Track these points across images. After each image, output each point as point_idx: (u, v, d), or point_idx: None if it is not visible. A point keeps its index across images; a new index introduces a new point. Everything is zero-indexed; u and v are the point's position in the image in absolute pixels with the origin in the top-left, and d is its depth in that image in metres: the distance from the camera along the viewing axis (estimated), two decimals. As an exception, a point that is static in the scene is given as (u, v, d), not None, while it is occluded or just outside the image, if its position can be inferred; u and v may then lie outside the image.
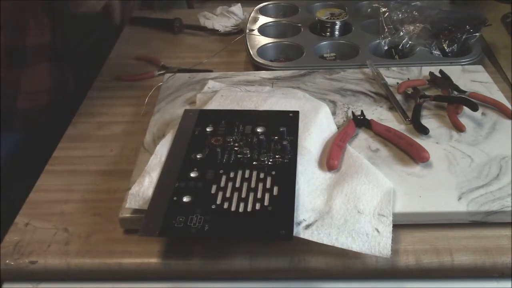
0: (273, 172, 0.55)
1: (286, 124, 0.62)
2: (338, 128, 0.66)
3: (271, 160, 0.57)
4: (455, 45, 0.85)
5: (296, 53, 0.87)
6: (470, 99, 0.69)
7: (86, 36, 0.88)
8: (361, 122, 0.67)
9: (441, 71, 0.77)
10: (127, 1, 0.95)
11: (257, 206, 0.51)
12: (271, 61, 0.87)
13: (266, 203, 0.52)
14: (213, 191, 0.53)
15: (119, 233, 0.56)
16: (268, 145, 0.59)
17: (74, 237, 0.55)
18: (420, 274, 0.52)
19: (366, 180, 0.55)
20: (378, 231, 0.50)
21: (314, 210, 0.53)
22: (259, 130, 0.62)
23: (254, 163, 0.57)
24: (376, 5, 0.93)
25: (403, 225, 0.54)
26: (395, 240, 0.50)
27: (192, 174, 0.56)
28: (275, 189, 0.53)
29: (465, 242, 0.53)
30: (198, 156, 0.58)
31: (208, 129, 0.63)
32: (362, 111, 0.69)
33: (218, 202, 0.52)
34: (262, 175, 0.55)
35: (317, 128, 0.64)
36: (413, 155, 0.61)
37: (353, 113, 0.69)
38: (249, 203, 0.52)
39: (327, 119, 0.66)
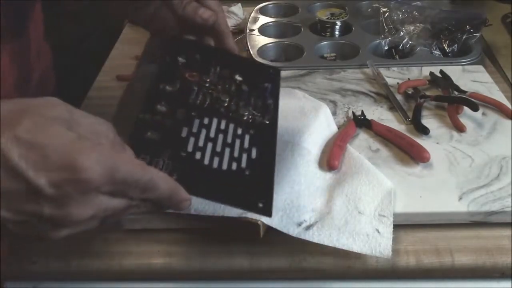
0: (252, 131, 0.50)
1: (268, 81, 0.56)
2: (338, 128, 0.66)
3: (250, 116, 0.51)
4: (455, 45, 0.85)
5: (296, 53, 0.87)
6: (471, 99, 0.69)
7: (86, 35, 0.88)
8: (361, 122, 0.67)
9: (441, 71, 0.77)
10: (128, 0, 0.95)
11: (234, 166, 0.46)
12: (271, 61, 0.87)
13: (243, 164, 0.47)
14: (183, 134, 0.47)
15: (119, 233, 0.56)
16: (249, 98, 0.53)
17: (74, 237, 0.55)
18: (420, 274, 0.52)
19: (367, 181, 0.55)
20: (378, 231, 0.50)
21: (314, 211, 0.53)
22: (238, 77, 0.55)
23: (230, 114, 0.51)
24: (376, 5, 0.93)
25: (403, 225, 0.54)
26: (395, 241, 0.50)
27: (160, 107, 0.48)
28: (254, 151, 0.48)
29: (466, 242, 0.53)
30: (167, 88, 0.50)
31: (180, 59, 0.54)
32: (362, 111, 0.69)
33: (190, 149, 0.46)
34: (239, 131, 0.49)
35: (317, 128, 0.64)
36: (413, 155, 0.60)
37: (353, 113, 0.69)
38: (224, 160, 0.46)
39: (327, 119, 0.66)
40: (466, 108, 0.68)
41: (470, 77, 0.76)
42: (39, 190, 0.34)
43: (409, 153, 0.61)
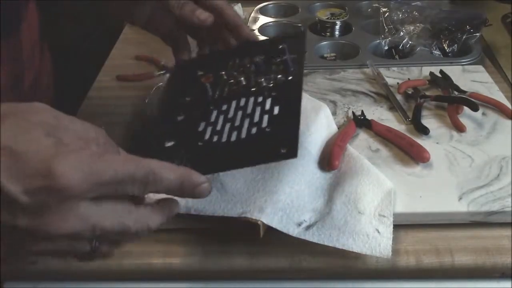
0: (274, 93, 0.48)
1: (290, 42, 0.54)
2: (338, 128, 0.66)
3: (271, 82, 0.49)
4: (455, 45, 0.85)
5: (296, 53, 0.87)
6: (471, 99, 0.69)
7: (86, 35, 0.88)
8: (361, 122, 0.67)
9: (441, 71, 0.77)
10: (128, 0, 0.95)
11: (253, 130, 0.44)
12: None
13: (264, 124, 0.45)
14: (200, 128, 0.46)
15: (119, 233, 0.56)
16: (268, 67, 0.51)
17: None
18: (420, 274, 0.52)
19: (367, 181, 0.55)
20: (378, 231, 0.50)
21: (314, 211, 0.53)
22: (258, 59, 0.53)
23: (252, 89, 0.49)
24: (376, 5, 0.93)
25: (403, 225, 0.54)
26: (395, 241, 0.50)
27: (179, 118, 0.48)
28: (276, 109, 0.46)
29: (466, 242, 0.53)
30: (187, 99, 0.51)
31: (200, 72, 0.55)
32: (362, 111, 0.69)
33: (207, 137, 0.45)
34: (260, 99, 0.47)
35: (318, 128, 0.64)
36: (413, 155, 0.60)
37: (353, 113, 0.69)
38: (243, 130, 0.44)
39: (327, 119, 0.66)
40: (466, 108, 0.68)
41: (470, 77, 0.76)
42: (13, 199, 0.32)
43: (409, 153, 0.61)
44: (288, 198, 0.53)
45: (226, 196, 0.53)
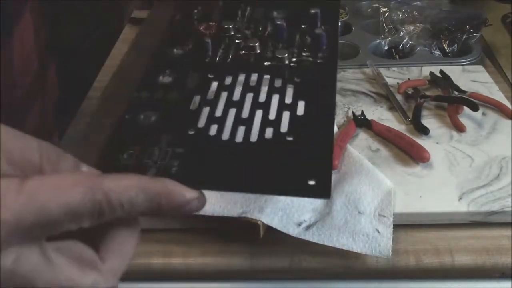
0: (297, 79, 0.37)
1: (323, 8, 0.40)
2: (338, 128, 0.66)
3: (294, 58, 0.37)
4: (455, 45, 0.85)
5: (296, 53, 0.87)
6: (471, 99, 0.69)
7: (86, 35, 0.88)
8: (361, 122, 0.67)
9: (441, 71, 0.77)
10: (128, 0, 0.95)
11: (268, 133, 0.33)
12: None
13: (283, 128, 0.33)
14: (193, 105, 0.35)
15: (119, 233, 0.56)
16: (291, 36, 0.39)
17: None
18: (420, 274, 0.52)
19: (367, 181, 0.55)
20: (378, 231, 0.50)
21: (314, 211, 0.53)
22: (276, 14, 0.40)
23: (266, 63, 0.37)
24: (376, 5, 0.93)
25: (403, 225, 0.54)
26: (395, 241, 0.50)
27: (163, 78, 0.36)
28: (300, 106, 0.34)
29: (466, 242, 0.53)
30: (175, 51, 0.38)
31: (195, 12, 0.41)
32: (362, 111, 0.69)
33: (201, 124, 0.34)
34: (278, 83, 0.36)
35: (318, 128, 0.63)
36: (413, 155, 0.60)
37: (353, 113, 0.69)
38: (253, 128, 0.33)
39: (327, 119, 0.66)
40: (466, 108, 0.68)
41: (470, 77, 0.76)
42: None
43: (409, 153, 0.61)
44: (288, 198, 0.53)
45: (226, 196, 0.53)
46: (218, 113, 0.34)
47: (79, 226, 0.27)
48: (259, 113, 0.34)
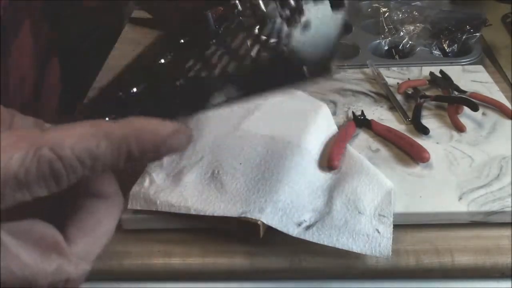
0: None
1: None
2: (338, 128, 0.66)
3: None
4: (455, 45, 0.85)
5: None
6: (471, 99, 0.69)
7: (86, 35, 0.88)
8: (361, 122, 0.67)
9: (441, 71, 0.77)
10: (127, 0, 0.95)
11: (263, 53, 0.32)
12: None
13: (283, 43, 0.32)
14: (189, 63, 0.33)
15: (120, 233, 0.55)
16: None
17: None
18: (420, 274, 0.52)
19: (367, 181, 0.55)
20: (378, 231, 0.50)
21: (314, 211, 0.53)
22: None
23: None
24: (376, 5, 0.93)
25: (403, 225, 0.54)
26: (395, 241, 0.50)
27: (163, 60, 0.33)
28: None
29: (466, 242, 0.53)
30: (181, 41, 0.34)
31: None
32: (362, 111, 0.69)
33: (191, 74, 0.32)
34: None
35: (317, 128, 0.63)
36: (413, 155, 0.60)
37: (353, 113, 0.69)
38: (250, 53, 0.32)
39: (327, 119, 0.66)
40: (466, 108, 0.68)
41: (470, 77, 0.76)
42: None
43: (409, 153, 0.61)
44: (288, 198, 0.53)
45: (226, 196, 0.53)
46: (213, 60, 0.32)
47: (31, 196, 0.22)
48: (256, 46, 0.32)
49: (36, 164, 0.21)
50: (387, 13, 0.90)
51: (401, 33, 0.87)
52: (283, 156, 0.58)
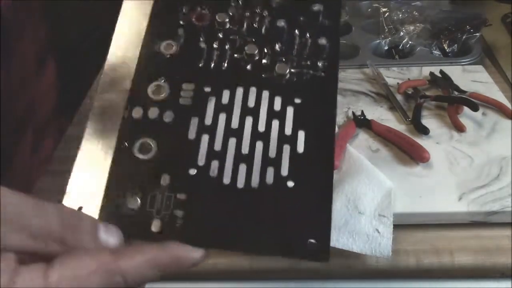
0: (297, 100, 0.33)
1: (325, 5, 0.36)
2: (338, 128, 0.66)
3: (293, 70, 0.33)
4: (455, 45, 0.85)
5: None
6: (471, 99, 0.69)
7: (86, 35, 0.88)
8: (361, 122, 0.67)
9: (441, 71, 0.77)
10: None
11: (268, 176, 0.31)
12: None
13: (284, 171, 0.31)
14: (191, 132, 0.32)
15: (119, 233, 0.56)
16: (290, 40, 0.34)
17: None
18: (420, 274, 0.52)
19: (367, 181, 0.55)
20: (378, 231, 0.50)
21: (314, 210, 0.53)
22: (278, 22, 0.35)
23: (263, 75, 0.33)
24: (376, 5, 0.93)
25: (403, 225, 0.54)
26: (395, 241, 0.50)
27: (151, 93, 0.32)
28: (300, 140, 0.32)
29: (466, 242, 0.53)
30: (163, 51, 0.34)
31: (184, 10, 0.36)
32: (362, 111, 0.69)
33: (201, 162, 0.31)
34: (278, 104, 0.33)
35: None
36: (413, 155, 0.60)
37: (353, 113, 0.69)
38: (254, 168, 0.31)
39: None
40: (466, 108, 0.68)
41: (470, 77, 0.76)
42: None
43: (409, 153, 0.61)
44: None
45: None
46: (218, 145, 0.32)
47: None
48: (259, 146, 0.32)
49: (109, 286, 0.27)
50: (387, 13, 0.90)
51: (401, 33, 0.87)
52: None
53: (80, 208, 0.29)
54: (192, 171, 0.31)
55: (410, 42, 0.86)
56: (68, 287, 0.26)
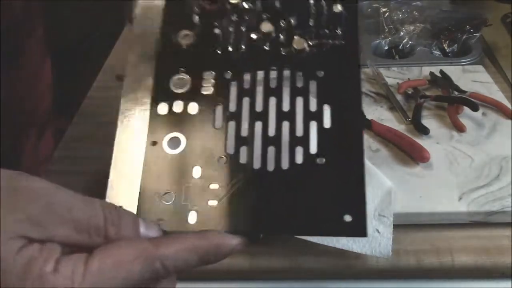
0: (320, 73, 0.32)
1: None
2: (338, 128, 0.66)
3: (312, 42, 0.32)
4: (456, 45, 0.85)
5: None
6: (471, 99, 0.69)
7: (86, 35, 0.88)
8: (361, 122, 0.67)
9: (441, 71, 0.76)
10: (128, 0, 0.95)
11: (298, 155, 0.30)
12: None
13: (312, 149, 0.30)
14: (218, 124, 0.32)
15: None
16: (306, 10, 0.33)
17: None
18: (420, 274, 0.52)
19: (367, 181, 0.55)
20: (378, 231, 0.50)
21: (314, 210, 0.53)
22: None
23: (282, 52, 0.33)
24: (376, 5, 0.93)
25: (403, 225, 0.54)
26: (395, 241, 0.50)
27: (173, 87, 0.33)
28: (326, 114, 0.31)
29: (466, 242, 0.53)
30: (180, 40, 0.34)
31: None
32: (362, 111, 0.69)
33: (230, 150, 0.31)
34: (300, 79, 0.32)
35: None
36: (413, 155, 0.60)
37: (353, 113, 0.68)
38: (283, 149, 0.31)
39: (327, 119, 0.66)
40: (466, 108, 0.68)
41: (470, 77, 0.76)
42: None
43: (409, 153, 0.61)
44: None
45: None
46: (244, 131, 0.32)
47: None
48: (285, 127, 0.31)
49: (149, 274, 0.28)
50: (387, 13, 0.90)
51: (401, 33, 0.86)
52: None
53: (120, 207, 0.30)
54: (222, 160, 0.31)
55: (410, 42, 0.86)
56: (108, 275, 0.26)
